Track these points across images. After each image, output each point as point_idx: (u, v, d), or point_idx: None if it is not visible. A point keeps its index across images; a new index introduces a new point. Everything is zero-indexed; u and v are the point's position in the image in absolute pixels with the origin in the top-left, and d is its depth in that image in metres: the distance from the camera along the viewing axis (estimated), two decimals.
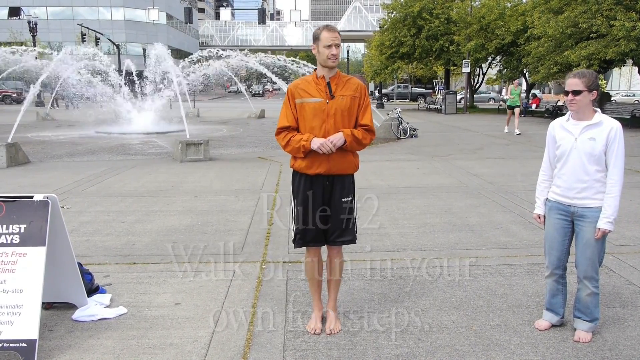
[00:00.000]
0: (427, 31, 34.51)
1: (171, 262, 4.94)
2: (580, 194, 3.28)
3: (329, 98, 3.29)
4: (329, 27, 3.27)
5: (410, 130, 16.99)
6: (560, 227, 3.41)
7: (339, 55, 3.27)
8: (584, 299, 3.38)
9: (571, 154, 3.28)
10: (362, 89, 3.39)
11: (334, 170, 3.34)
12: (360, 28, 68.49)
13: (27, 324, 3.19)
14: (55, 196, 3.54)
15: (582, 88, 3.17)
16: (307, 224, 3.39)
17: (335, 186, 3.39)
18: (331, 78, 3.33)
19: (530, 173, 9.46)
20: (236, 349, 3.32)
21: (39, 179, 9.38)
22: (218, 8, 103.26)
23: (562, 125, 3.37)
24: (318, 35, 3.27)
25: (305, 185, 3.38)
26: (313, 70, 3.43)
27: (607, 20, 19.75)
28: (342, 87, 3.33)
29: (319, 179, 3.35)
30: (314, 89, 3.32)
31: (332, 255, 3.55)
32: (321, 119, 3.28)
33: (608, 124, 3.21)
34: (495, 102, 46.66)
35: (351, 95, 3.33)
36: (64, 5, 66.36)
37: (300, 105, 3.32)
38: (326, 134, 3.28)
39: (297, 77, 34.08)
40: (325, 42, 3.23)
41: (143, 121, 20.17)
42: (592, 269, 3.31)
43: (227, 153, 13.40)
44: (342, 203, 3.41)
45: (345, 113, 3.31)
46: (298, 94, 3.33)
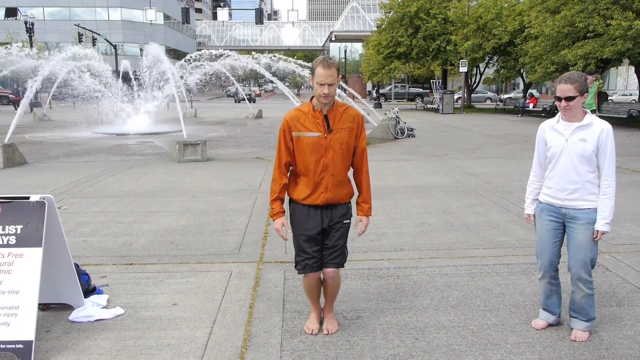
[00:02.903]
0: (425, 31, 34.55)
1: (168, 263, 4.94)
2: (572, 195, 3.29)
3: (327, 132, 3.23)
4: (325, 63, 3.14)
5: (407, 130, 17.00)
6: (552, 228, 3.42)
7: (334, 92, 3.18)
8: (579, 301, 3.39)
9: (562, 155, 3.29)
10: (359, 119, 3.36)
11: (332, 201, 3.33)
12: (358, 28, 68.49)
13: (24, 325, 3.18)
14: (52, 197, 3.53)
15: (575, 93, 3.18)
16: (307, 252, 3.35)
17: (334, 212, 3.37)
18: (328, 111, 3.26)
19: (528, 172, 9.37)
20: (233, 349, 3.32)
21: (35, 180, 9.36)
22: (215, 8, 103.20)
23: (553, 127, 3.37)
24: (314, 68, 3.18)
25: (302, 212, 3.35)
26: (309, 101, 3.34)
27: (603, 19, 19.80)
28: (340, 120, 3.27)
29: (317, 207, 3.34)
30: (311, 122, 3.24)
31: (330, 276, 3.47)
32: (319, 153, 3.24)
33: (599, 125, 3.22)
34: (492, 101, 46.75)
35: (348, 127, 3.28)
36: (61, 5, 66.21)
37: (297, 139, 3.26)
38: (324, 167, 3.26)
39: (294, 76, 34.01)
40: (318, 80, 3.13)
41: (140, 122, 20.14)
42: (584, 271, 3.31)
43: (225, 153, 13.39)
44: (344, 224, 3.39)
45: (344, 146, 3.28)
46: (295, 126, 3.27)
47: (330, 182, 3.28)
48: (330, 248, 3.38)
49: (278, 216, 3.37)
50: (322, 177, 3.27)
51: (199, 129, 19.88)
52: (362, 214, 3.48)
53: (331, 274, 3.43)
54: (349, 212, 3.44)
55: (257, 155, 12.84)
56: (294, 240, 3.45)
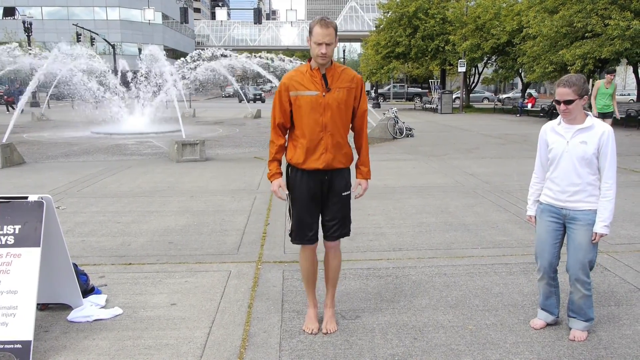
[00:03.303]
0: (423, 31, 34.58)
1: (167, 263, 4.93)
2: (573, 197, 3.29)
3: (325, 91, 3.22)
4: (323, 22, 3.13)
5: (406, 129, 17.01)
6: (552, 229, 3.42)
7: (331, 53, 3.17)
8: (577, 302, 3.40)
9: (563, 157, 3.29)
10: (358, 80, 3.35)
11: (333, 164, 3.29)
12: (357, 28, 68.55)
13: (22, 325, 3.18)
14: (50, 197, 3.52)
15: (574, 97, 3.18)
16: (304, 221, 3.34)
17: (334, 180, 3.34)
18: (327, 70, 3.25)
19: (526, 172, 9.48)
20: (232, 349, 3.31)
21: (34, 180, 9.35)
22: (214, 8, 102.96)
23: (554, 129, 3.38)
24: (311, 28, 3.18)
25: (302, 180, 3.33)
26: (307, 61, 3.34)
27: (601, 19, 19.84)
28: (338, 79, 3.26)
29: (316, 174, 3.30)
30: (309, 81, 3.23)
31: (331, 251, 3.49)
32: (318, 112, 3.22)
33: (600, 127, 3.22)
34: (489, 101, 46.78)
35: (347, 87, 3.27)
36: (59, 5, 66.11)
37: (295, 98, 3.24)
38: (323, 127, 3.24)
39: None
40: (316, 39, 3.12)
41: (139, 121, 20.12)
42: (583, 272, 3.31)
43: (223, 153, 13.38)
44: (343, 196, 3.38)
45: (342, 106, 3.26)
46: (292, 86, 3.25)
47: (330, 143, 3.25)
48: (330, 220, 3.37)
49: (275, 177, 3.36)
50: (322, 137, 3.24)
51: (198, 128, 19.88)
52: (362, 177, 3.49)
53: (332, 245, 3.43)
54: (349, 183, 3.42)
55: (256, 155, 12.83)
56: (292, 209, 3.41)
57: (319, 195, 3.34)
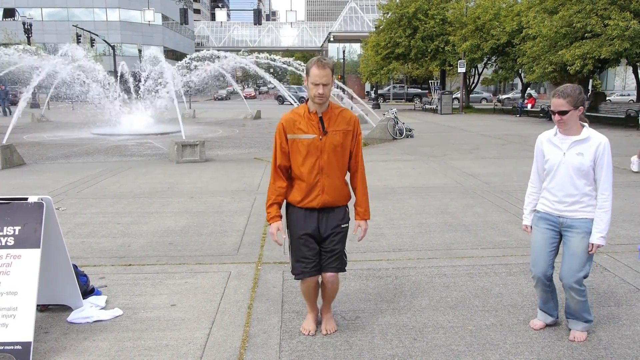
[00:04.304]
0: (423, 32, 34.57)
1: (167, 264, 4.94)
2: (570, 207, 3.29)
3: (322, 134, 3.22)
4: (320, 63, 3.13)
5: (406, 130, 17.01)
6: (548, 237, 3.41)
7: (328, 93, 3.17)
8: (573, 307, 3.40)
9: (559, 168, 3.28)
10: (355, 121, 3.35)
11: (328, 204, 3.31)
12: (356, 28, 68.52)
13: (22, 326, 3.18)
14: (50, 198, 3.52)
15: (569, 108, 3.16)
16: (304, 255, 3.34)
17: (330, 214, 3.34)
18: (323, 113, 3.25)
19: (526, 173, 9.45)
20: (232, 350, 3.32)
21: (33, 181, 9.35)
22: (214, 9, 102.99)
23: (550, 140, 3.36)
24: (308, 69, 3.17)
25: (299, 216, 3.34)
26: (304, 103, 3.33)
27: (601, 19, 19.84)
28: (335, 122, 3.27)
29: (313, 210, 3.32)
30: (306, 124, 3.24)
31: (330, 281, 3.44)
32: (315, 155, 3.23)
33: (596, 139, 3.21)
34: (487, 101, 46.79)
35: (344, 130, 3.28)
36: (59, 6, 66.13)
37: (292, 141, 3.26)
38: (320, 170, 3.24)
39: (293, 77, 34.04)
40: (313, 80, 3.12)
41: (139, 122, 20.13)
42: (575, 280, 3.29)
43: (223, 154, 13.39)
44: (340, 228, 3.36)
45: (339, 148, 3.27)
46: (290, 129, 3.26)
47: (327, 185, 3.27)
48: (328, 252, 3.35)
49: (274, 220, 3.36)
50: (318, 179, 3.25)
51: (198, 129, 19.88)
52: (360, 218, 3.47)
53: (330, 279, 3.40)
54: (347, 216, 3.41)
55: (256, 155, 12.83)
56: (291, 245, 3.43)
57: (316, 228, 3.34)
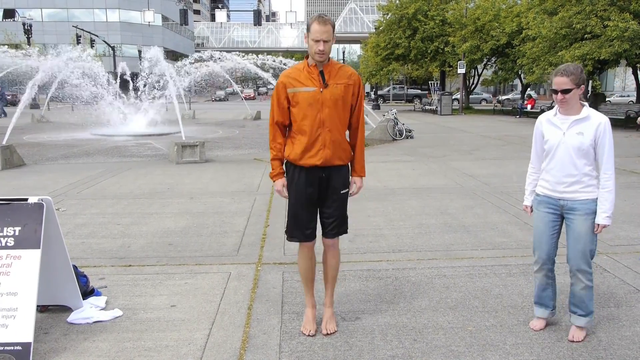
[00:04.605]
0: (422, 33, 34.61)
1: (167, 264, 4.94)
2: (570, 187, 3.29)
3: (323, 87, 3.21)
4: (321, 19, 3.13)
5: (406, 131, 17.01)
6: (549, 220, 3.42)
7: (329, 49, 3.17)
8: (579, 293, 3.38)
9: (559, 148, 3.28)
10: (356, 77, 3.34)
11: (331, 160, 3.28)
12: (356, 29, 68.61)
13: (22, 326, 3.18)
14: (50, 198, 3.53)
15: (572, 86, 3.16)
16: (301, 217, 3.34)
17: (332, 177, 3.34)
18: (324, 66, 3.25)
19: (526, 173, 9.47)
20: (232, 350, 3.32)
21: (33, 182, 9.35)
22: (213, 10, 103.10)
23: (550, 120, 3.37)
24: (309, 25, 3.17)
25: (300, 176, 3.32)
26: (304, 58, 3.34)
27: (601, 20, 19.86)
28: (335, 75, 3.26)
29: (315, 171, 3.30)
30: (306, 77, 3.23)
31: (329, 250, 3.48)
32: (315, 108, 3.21)
33: (596, 118, 3.21)
34: (487, 102, 46.82)
35: (345, 83, 3.27)
36: (59, 7, 66.20)
37: (293, 95, 3.24)
38: (321, 123, 3.23)
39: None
40: (313, 36, 3.12)
41: (139, 123, 20.13)
42: (584, 262, 3.30)
43: (223, 155, 13.39)
44: (341, 194, 3.38)
45: (340, 102, 3.25)
46: (290, 83, 3.25)
47: (328, 139, 3.24)
48: (329, 217, 3.36)
49: (278, 177, 3.38)
50: (320, 133, 3.23)
51: (198, 130, 19.86)
52: (356, 175, 3.47)
53: (331, 243, 3.42)
54: (347, 180, 3.42)
55: (256, 156, 12.83)
56: (290, 206, 3.41)
57: (316, 192, 3.33)
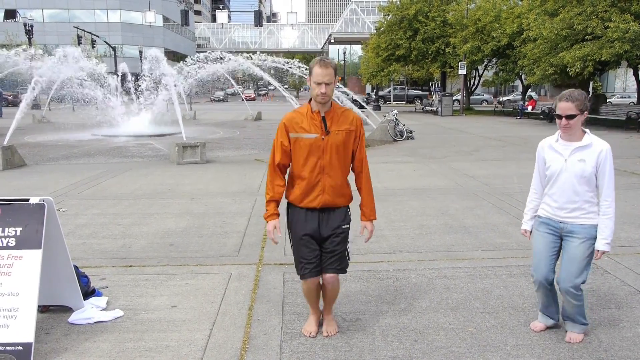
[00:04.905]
0: (423, 34, 34.64)
1: (168, 265, 4.94)
2: (572, 213, 3.29)
3: (324, 134, 3.22)
4: (322, 63, 3.16)
5: (406, 132, 17.02)
6: (549, 241, 3.41)
7: (331, 92, 3.18)
8: (570, 310, 3.41)
9: (561, 175, 3.28)
10: (358, 121, 3.35)
11: (330, 204, 3.30)
12: (357, 30, 68.64)
13: (23, 327, 3.18)
14: (51, 199, 3.53)
15: (576, 112, 3.16)
16: (305, 256, 3.34)
17: (331, 215, 3.34)
18: (326, 112, 3.25)
19: (526, 175, 9.47)
20: (233, 351, 3.32)
21: (35, 182, 9.36)
22: (214, 10, 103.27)
23: (552, 146, 3.36)
24: (311, 68, 3.19)
25: (300, 216, 3.34)
26: (307, 103, 3.34)
27: (602, 22, 19.87)
28: (337, 121, 3.27)
29: (314, 211, 3.32)
30: (309, 123, 3.24)
31: (329, 286, 3.45)
32: (317, 155, 3.23)
33: (598, 146, 3.21)
34: (488, 103, 46.83)
35: (347, 130, 3.28)
36: (60, 7, 66.31)
37: (295, 140, 3.26)
38: (321, 169, 3.24)
39: (292, 79, 34.05)
40: (315, 79, 3.14)
41: (139, 124, 20.14)
42: (573, 285, 3.29)
43: (224, 155, 13.40)
44: (341, 229, 3.36)
45: (341, 148, 3.26)
46: (292, 128, 3.26)
47: (328, 185, 3.26)
48: (329, 253, 3.35)
49: (271, 218, 3.36)
50: (319, 179, 3.25)
51: (198, 130, 19.88)
52: (365, 219, 3.46)
53: (330, 280, 3.40)
54: (348, 217, 3.41)
55: (256, 157, 12.84)
56: (292, 245, 3.43)
57: (317, 228, 3.33)
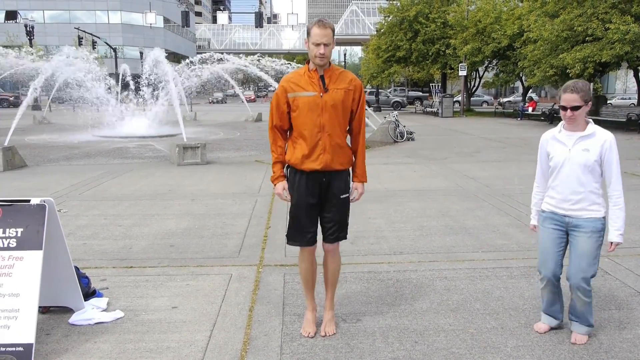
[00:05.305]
0: (424, 35, 34.68)
1: (168, 266, 4.94)
2: (576, 205, 3.28)
3: (323, 91, 3.22)
4: (321, 23, 3.15)
5: (407, 133, 17.02)
6: (556, 237, 3.40)
7: (329, 53, 3.18)
8: (579, 308, 3.40)
9: (565, 165, 3.28)
10: (357, 82, 3.34)
11: (331, 165, 3.29)
12: (358, 32, 68.71)
13: (24, 327, 3.18)
14: (52, 200, 3.53)
15: (581, 103, 3.16)
16: (301, 222, 3.34)
17: (333, 182, 3.34)
18: (324, 71, 3.25)
19: (527, 176, 9.49)
20: (233, 352, 3.32)
21: (35, 183, 9.37)
22: (215, 11, 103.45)
23: (555, 137, 3.36)
24: (309, 30, 3.19)
25: (301, 180, 3.33)
26: (305, 63, 3.35)
27: (602, 23, 19.89)
28: (336, 80, 3.27)
29: (315, 175, 3.30)
30: (307, 82, 3.24)
31: (329, 254, 3.49)
32: (316, 113, 3.22)
33: (601, 135, 3.21)
34: (488, 105, 46.85)
35: (345, 88, 3.27)
36: (61, 8, 66.38)
37: (293, 99, 3.25)
38: (321, 128, 3.24)
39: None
40: (314, 40, 3.14)
41: (140, 125, 20.15)
42: (584, 281, 3.30)
43: (224, 156, 13.40)
44: (341, 199, 3.38)
45: (340, 106, 3.25)
46: (290, 88, 3.27)
47: (328, 143, 3.25)
48: (328, 222, 3.37)
49: (279, 180, 3.38)
50: (320, 137, 3.24)
51: (199, 131, 19.89)
52: (357, 181, 3.47)
53: (331, 248, 3.42)
54: (348, 184, 3.42)
55: (257, 158, 12.85)
56: (292, 212, 3.42)
57: (317, 196, 3.34)
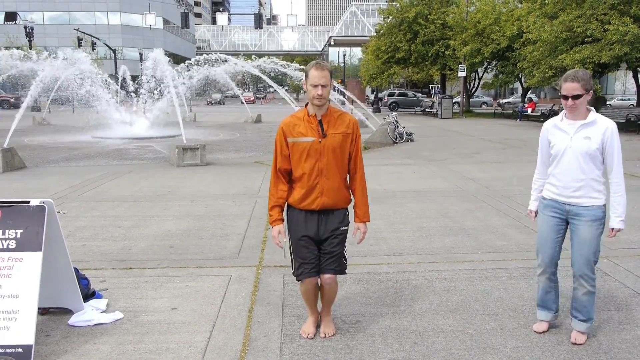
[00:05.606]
0: (423, 36, 34.69)
1: (168, 267, 4.94)
2: (577, 192, 3.30)
3: (321, 137, 3.26)
4: (318, 65, 3.20)
5: (406, 134, 17.02)
6: (554, 224, 3.43)
7: (327, 94, 3.22)
8: (581, 298, 3.40)
9: (566, 153, 3.30)
10: (354, 124, 3.38)
11: (327, 206, 3.33)
12: (357, 33, 68.71)
13: (23, 329, 3.19)
14: (52, 201, 3.54)
15: (582, 91, 3.19)
16: (305, 258, 3.36)
17: (330, 216, 3.37)
18: (322, 116, 3.29)
19: (526, 177, 9.49)
20: (233, 353, 3.32)
21: (35, 184, 9.36)
22: (215, 13, 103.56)
23: (557, 125, 3.39)
24: (307, 72, 3.23)
25: (299, 218, 3.36)
26: (304, 107, 3.38)
27: (601, 24, 19.91)
28: (334, 124, 3.31)
29: (313, 213, 3.34)
30: (306, 127, 3.28)
31: (327, 286, 3.47)
32: (314, 158, 3.27)
33: (603, 123, 3.24)
34: (487, 106, 46.89)
35: (343, 132, 3.31)
36: (61, 10, 66.40)
37: (293, 145, 3.30)
38: (319, 172, 3.27)
39: (292, 81, 33.96)
40: (312, 81, 3.17)
41: (140, 126, 20.16)
42: (587, 267, 3.32)
43: (224, 157, 13.40)
44: (339, 231, 3.38)
45: (338, 151, 3.30)
46: (290, 132, 3.30)
47: (326, 187, 3.29)
48: (327, 254, 3.38)
49: (276, 223, 3.38)
50: (317, 181, 3.28)
51: (199, 133, 19.88)
52: (359, 221, 3.48)
53: (328, 281, 3.42)
54: (346, 219, 3.44)
55: (257, 159, 12.85)
56: (291, 246, 3.45)
57: (316, 232, 3.36)
